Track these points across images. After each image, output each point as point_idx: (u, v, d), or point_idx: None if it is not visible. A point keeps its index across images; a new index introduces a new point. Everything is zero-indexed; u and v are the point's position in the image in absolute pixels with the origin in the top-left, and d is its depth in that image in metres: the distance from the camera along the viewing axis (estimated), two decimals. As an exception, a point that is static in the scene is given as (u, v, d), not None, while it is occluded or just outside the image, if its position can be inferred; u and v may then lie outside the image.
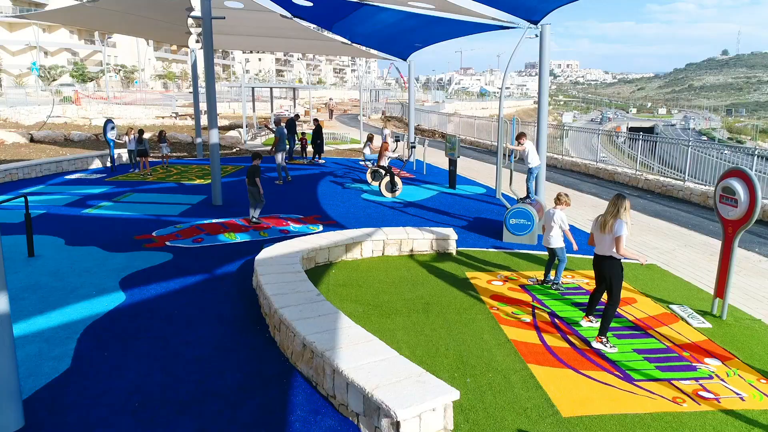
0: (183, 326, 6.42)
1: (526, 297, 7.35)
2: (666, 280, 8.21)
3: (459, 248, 9.34)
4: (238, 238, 9.86)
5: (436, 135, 31.91)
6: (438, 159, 20.51)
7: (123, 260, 8.61)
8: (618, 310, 6.89)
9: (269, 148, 17.16)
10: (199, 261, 8.69)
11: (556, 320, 6.63)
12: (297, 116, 20.84)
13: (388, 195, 13.77)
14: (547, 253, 9.29)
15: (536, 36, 13.48)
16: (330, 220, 11.41)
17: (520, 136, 10.23)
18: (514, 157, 10.72)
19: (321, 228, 10.69)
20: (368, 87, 71.08)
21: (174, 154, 21.95)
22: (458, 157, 14.57)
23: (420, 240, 9.09)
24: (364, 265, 8.57)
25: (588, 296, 7.29)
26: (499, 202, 13.20)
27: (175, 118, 36.97)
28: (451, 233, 9.18)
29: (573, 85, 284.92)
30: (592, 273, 8.23)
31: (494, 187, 15.11)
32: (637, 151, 16.39)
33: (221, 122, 36.63)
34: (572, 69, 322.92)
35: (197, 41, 18.22)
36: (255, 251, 9.11)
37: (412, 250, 9.11)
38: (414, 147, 14.35)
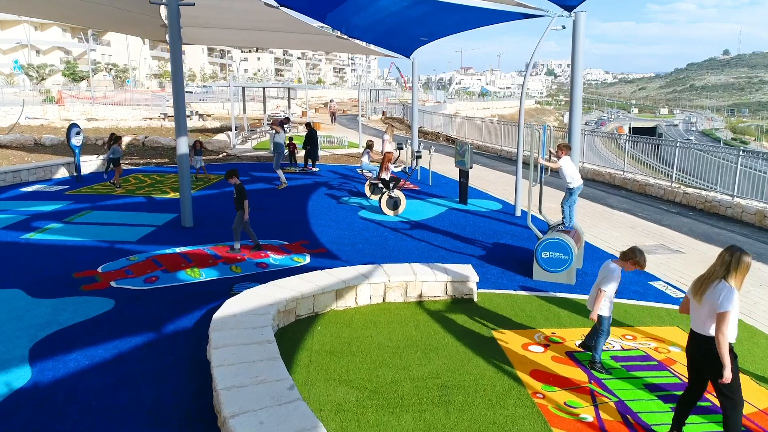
0: (101, 428, 4.48)
1: (578, 374, 5.40)
2: (758, 342, 6.25)
3: (479, 289, 7.39)
4: (203, 275, 7.91)
5: (440, 138, 29.95)
6: (444, 166, 18.58)
7: (48, 311, 6.66)
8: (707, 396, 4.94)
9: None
10: (147, 311, 6.74)
11: (629, 418, 4.68)
12: (287, 119, 18.88)
13: (390, 213, 11.83)
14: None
15: (563, 28, 11.63)
16: (320, 247, 9.46)
17: (560, 149, 8.25)
18: (545, 172, 8.75)
19: (308, 259, 8.75)
20: (368, 87, 69.14)
21: (154, 160, 20.01)
22: (470, 167, 12.62)
23: (431, 282, 7.14)
24: (360, 318, 6.63)
25: (662, 372, 5.36)
26: (520, 222, 11.28)
27: (164, 119, 35.03)
28: (470, 273, 7.23)
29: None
30: (659, 332, 6.31)
31: (511, 202, 13.20)
32: (672, 160, 14.40)
33: (213, 124, 34.73)
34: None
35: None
36: (222, 294, 7.18)
37: (420, 296, 7.16)
38: (420, 157, 12.46)
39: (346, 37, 14.76)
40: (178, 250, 9.01)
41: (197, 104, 45.36)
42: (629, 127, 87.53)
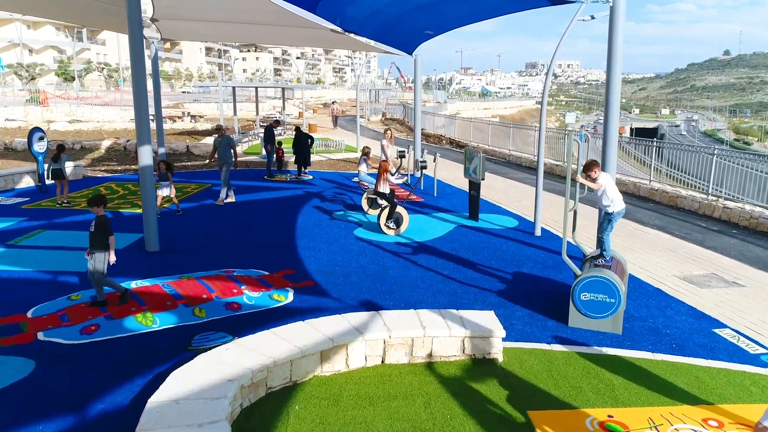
0: None
1: (659, 492, 3.82)
2: None
3: (504, 342, 5.81)
4: (157, 322, 6.32)
5: (444, 141, 28.38)
6: (449, 173, 17.01)
7: (-57, 380, 5.08)
8: None
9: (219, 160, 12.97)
10: (74, 378, 5.17)
11: None
12: (277, 122, 17.31)
13: (390, 232, 10.26)
14: (647, 355, 5.78)
15: (592, 18, 10.08)
16: (306, 279, 7.87)
17: (590, 167, 6.65)
18: (581, 192, 7.14)
19: (290, 297, 7.17)
20: (368, 87, 67.46)
21: (133, 166, 18.39)
22: (483, 179, 11.04)
23: (444, 339, 5.55)
24: (352, 389, 5.05)
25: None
26: (542, 244, 9.72)
27: (153, 121, 33.40)
28: (494, 327, 5.64)
29: (574, 85, 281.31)
30: (751, 414, 4.70)
31: (528, 218, 11.64)
32: (705, 171, 12.81)
33: (204, 126, 33.08)
34: (573, 69, 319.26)
35: (152, 29, 14.72)
36: (177, 351, 5.64)
37: (430, 355, 5.58)
38: (425, 167, 10.92)
39: (341, 31, 13.19)
40: (133, 285, 7.41)
41: (190, 104, 43.77)
42: (631, 128, 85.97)
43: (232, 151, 12.84)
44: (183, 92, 67.40)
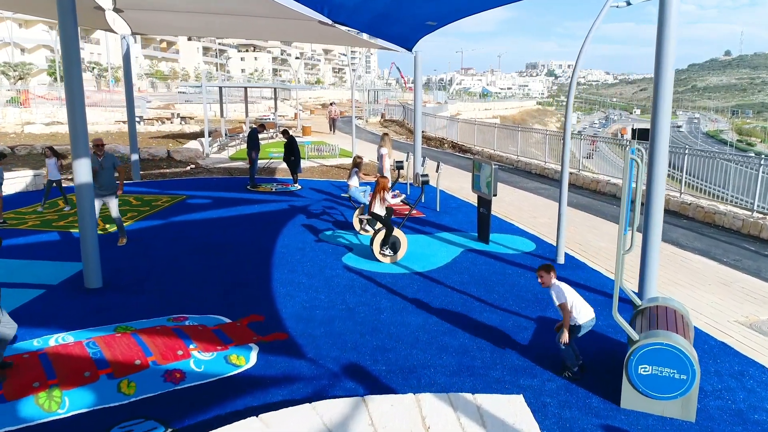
0: None
1: None
2: None
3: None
4: (66, 404, 4.67)
5: (446, 144, 26.73)
6: (452, 182, 15.37)
7: None
8: None
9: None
10: None
11: None
12: (262, 127, 15.69)
13: (386, 260, 8.62)
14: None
15: (628, 4, 8.51)
16: (277, 331, 6.22)
17: (545, 271, 4.90)
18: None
19: (253, 359, 5.52)
20: (367, 87, 65.78)
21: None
22: (495, 195, 9.39)
23: (456, 446, 3.91)
24: None
25: None
26: (567, 275, 8.07)
27: (140, 123, 31.72)
28: (526, 424, 3.99)
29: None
30: None
31: (545, 238, 10.01)
32: (754, 185, 11.16)
33: (193, 128, 31.44)
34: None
35: (121, 23, 13.06)
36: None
37: (437, 469, 3.93)
38: (426, 182, 9.33)
39: (330, 22, 11.56)
40: (52, 341, 5.75)
41: (181, 105, 42.11)
42: (632, 129, 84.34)
43: (117, 174, 9.32)
44: (180, 92, 65.77)
